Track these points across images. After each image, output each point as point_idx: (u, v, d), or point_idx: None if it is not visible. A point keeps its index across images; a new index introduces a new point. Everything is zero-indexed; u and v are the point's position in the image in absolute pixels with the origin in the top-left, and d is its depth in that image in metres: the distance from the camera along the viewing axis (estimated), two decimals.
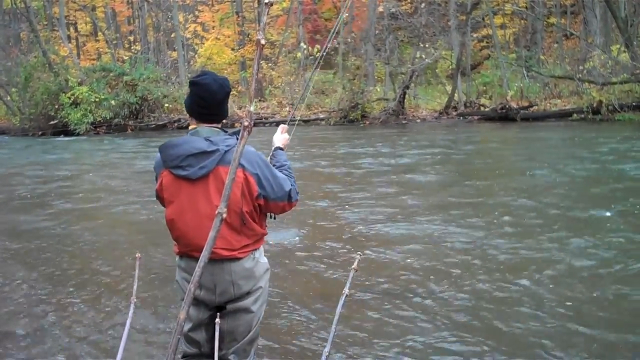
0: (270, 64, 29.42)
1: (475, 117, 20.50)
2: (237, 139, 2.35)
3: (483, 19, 26.84)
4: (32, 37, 26.43)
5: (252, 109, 1.69)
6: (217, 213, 1.71)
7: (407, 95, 21.71)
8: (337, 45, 26.18)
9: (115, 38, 36.16)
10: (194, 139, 2.38)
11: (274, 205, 2.46)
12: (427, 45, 21.85)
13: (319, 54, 4.70)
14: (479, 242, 5.28)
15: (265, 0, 1.63)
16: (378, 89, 24.38)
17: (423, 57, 21.23)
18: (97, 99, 22.01)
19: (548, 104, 19.76)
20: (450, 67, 25.07)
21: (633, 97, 17.08)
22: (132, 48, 35.30)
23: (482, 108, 21.25)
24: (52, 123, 22.12)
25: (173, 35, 31.71)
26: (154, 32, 34.36)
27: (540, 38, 26.94)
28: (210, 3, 37.79)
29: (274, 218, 2.68)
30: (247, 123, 1.64)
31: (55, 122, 22.03)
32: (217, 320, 2.11)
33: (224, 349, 2.47)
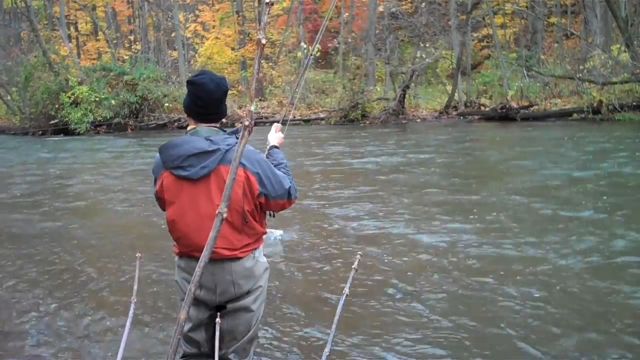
0: (271, 64, 29.40)
1: (476, 116, 20.46)
2: (236, 138, 2.36)
3: (483, 19, 26.82)
4: (32, 36, 26.40)
5: (252, 109, 1.69)
6: (217, 213, 1.71)
7: (407, 95, 21.67)
8: (337, 45, 26.17)
9: (116, 37, 36.13)
10: (194, 139, 2.37)
11: (275, 203, 2.47)
12: (427, 45, 21.79)
13: (310, 54, 4.73)
14: (465, 242, 5.30)
15: (266, 0, 1.63)
16: (378, 89, 24.36)
17: (423, 56, 21.18)
18: (97, 99, 21.99)
19: (548, 104, 19.72)
20: (451, 66, 25.03)
21: (633, 96, 17.04)
22: (132, 47, 35.29)
23: (482, 108, 21.21)
24: (52, 122, 22.11)
25: (173, 35, 31.67)
26: (154, 31, 34.34)
27: (541, 38, 26.93)
28: (211, 2, 37.73)
29: (273, 216, 2.70)
30: (247, 122, 1.64)
31: (56, 121, 22.03)
32: (217, 320, 2.12)
33: (224, 348, 2.47)
